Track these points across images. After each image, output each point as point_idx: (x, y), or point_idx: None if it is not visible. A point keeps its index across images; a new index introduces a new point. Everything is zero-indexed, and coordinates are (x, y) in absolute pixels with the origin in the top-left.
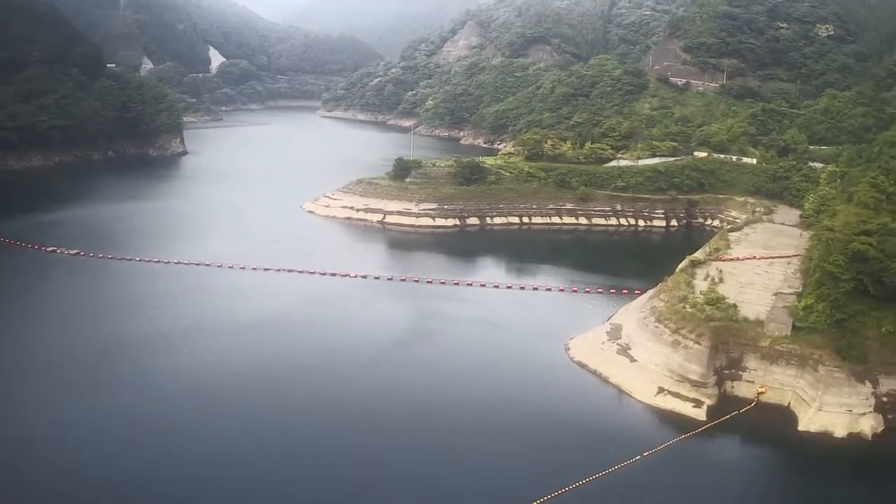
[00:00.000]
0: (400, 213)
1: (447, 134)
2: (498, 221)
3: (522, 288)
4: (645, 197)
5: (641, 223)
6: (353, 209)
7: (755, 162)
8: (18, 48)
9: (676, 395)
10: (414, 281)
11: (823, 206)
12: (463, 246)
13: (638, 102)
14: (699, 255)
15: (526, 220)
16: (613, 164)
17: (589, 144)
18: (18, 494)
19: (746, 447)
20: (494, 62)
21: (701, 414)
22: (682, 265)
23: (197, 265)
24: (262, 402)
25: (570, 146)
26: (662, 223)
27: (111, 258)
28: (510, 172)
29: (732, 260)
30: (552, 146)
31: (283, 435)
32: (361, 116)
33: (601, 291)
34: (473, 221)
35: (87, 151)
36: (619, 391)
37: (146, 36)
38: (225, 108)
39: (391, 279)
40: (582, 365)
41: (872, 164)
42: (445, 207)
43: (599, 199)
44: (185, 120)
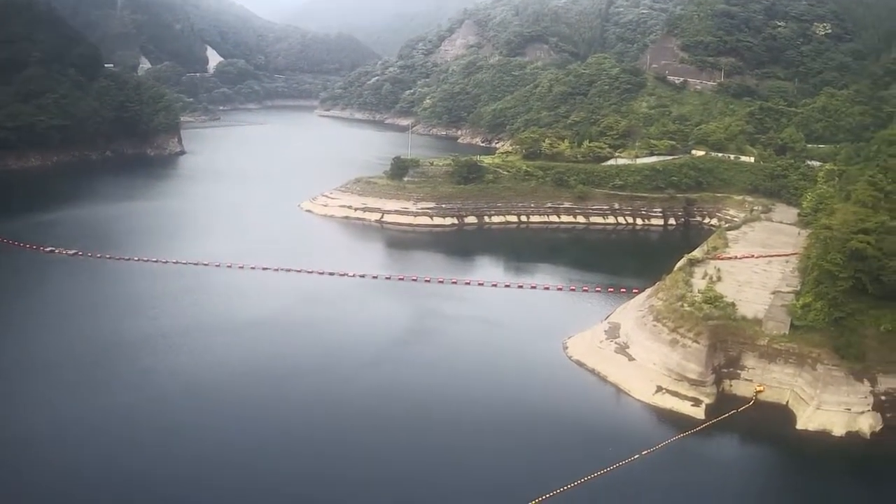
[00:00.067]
0: (398, 212)
1: (445, 133)
2: (496, 220)
3: (520, 287)
4: (643, 195)
5: (639, 222)
6: (351, 208)
7: (753, 160)
8: (17, 48)
9: (675, 393)
10: (412, 280)
11: (821, 204)
12: (461, 245)
13: (635, 101)
14: (697, 253)
15: (524, 218)
16: (611, 162)
17: (587, 143)
18: (18, 494)
19: (745, 446)
20: (492, 61)
21: (699, 412)
22: (680, 264)
23: (195, 265)
24: (261, 401)
25: (567, 145)
26: (660, 222)
27: (110, 258)
28: (508, 171)
29: (730, 258)
30: (550, 145)
31: (281, 434)
32: (359, 116)
33: (599, 290)
34: (471, 220)
35: (85, 151)
36: (617, 390)
37: (144, 36)
38: (222, 107)
39: (389, 278)
40: (580, 364)
41: (870, 162)
42: (443, 206)
43: (597, 197)
44: (182, 119)
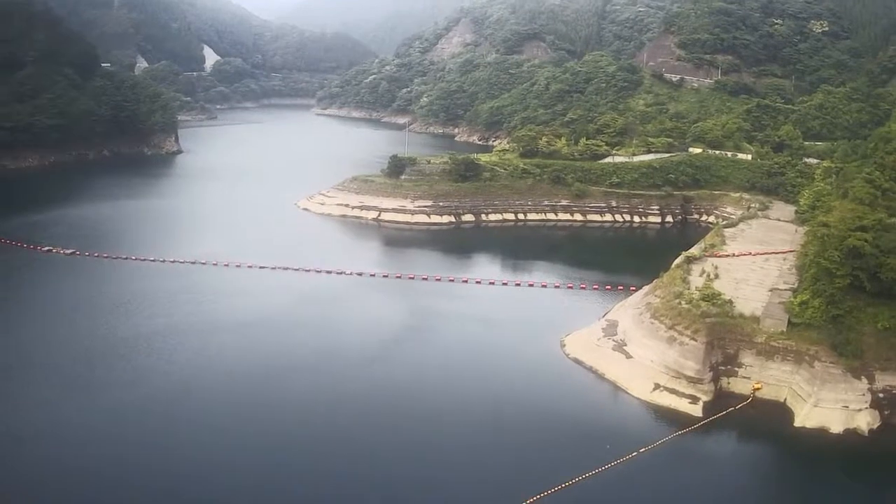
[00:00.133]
0: (395, 210)
1: (442, 131)
2: (493, 218)
3: (518, 284)
4: (640, 193)
5: (636, 219)
6: (348, 206)
7: (750, 158)
8: (14, 48)
9: (672, 391)
10: (409, 278)
11: (819, 201)
12: (458, 243)
13: (632, 99)
14: (694, 251)
15: (521, 216)
16: (608, 160)
17: (584, 141)
18: (12, 493)
19: (742, 443)
20: (489, 59)
21: (697, 410)
22: (677, 261)
23: (192, 263)
24: (257, 399)
25: (564, 143)
26: (658, 219)
27: (107, 257)
28: (505, 169)
29: (728, 256)
30: (547, 143)
31: (277, 432)
32: (356, 114)
33: (596, 288)
34: (468, 218)
35: (82, 151)
36: (614, 388)
37: (140, 35)
38: (219, 106)
39: (387, 276)
40: (577, 361)
41: (867, 159)
42: (440, 204)
43: (594, 195)
44: (179, 118)
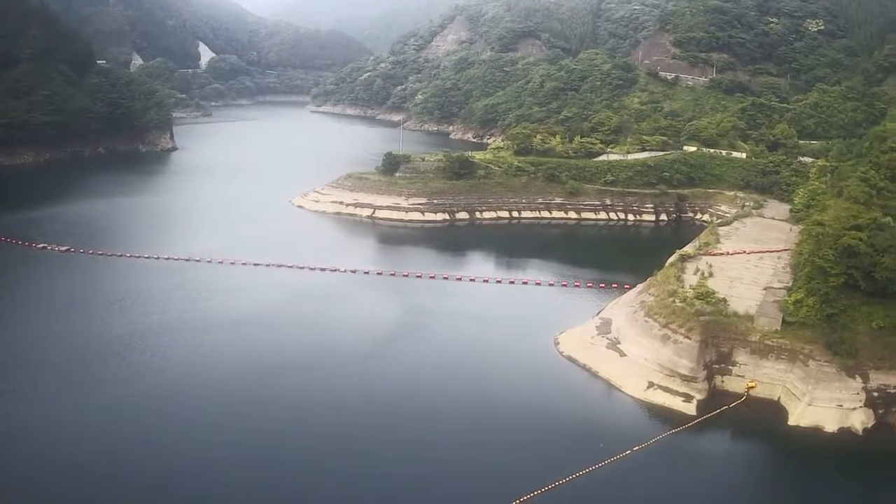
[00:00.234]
0: (389, 207)
1: (436, 128)
2: (487, 216)
3: (512, 282)
4: (634, 191)
5: (631, 217)
6: (342, 204)
7: (745, 156)
8: (9, 45)
9: (666, 389)
10: (403, 276)
11: (813, 200)
12: (452, 240)
13: (627, 97)
14: (689, 249)
15: (515, 214)
16: (603, 158)
17: (578, 139)
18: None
19: (736, 442)
20: (484, 57)
21: (691, 408)
22: (671, 259)
23: (186, 260)
24: (251, 396)
25: (559, 140)
26: (652, 217)
27: (101, 254)
28: (499, 167)
29: (722, 254)
30: (541, 140)
31: (271, 429)
32: (351, 111)
33: (591, 286)
34: (463, 216)
35: (77, 148)
36: (608, 386)
37: (136, 32)
38: (214, 103)
39: (381, 274)
40: (571, 359)
41: (862, 158)
42: (435, 202)
43: (589, 193)
44: (174, 115)
